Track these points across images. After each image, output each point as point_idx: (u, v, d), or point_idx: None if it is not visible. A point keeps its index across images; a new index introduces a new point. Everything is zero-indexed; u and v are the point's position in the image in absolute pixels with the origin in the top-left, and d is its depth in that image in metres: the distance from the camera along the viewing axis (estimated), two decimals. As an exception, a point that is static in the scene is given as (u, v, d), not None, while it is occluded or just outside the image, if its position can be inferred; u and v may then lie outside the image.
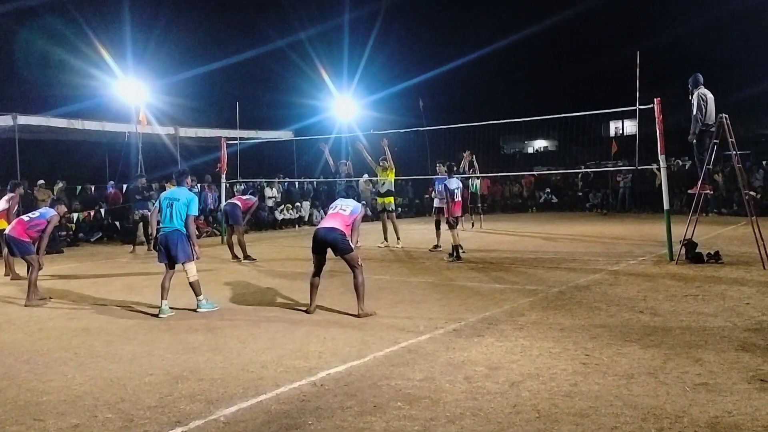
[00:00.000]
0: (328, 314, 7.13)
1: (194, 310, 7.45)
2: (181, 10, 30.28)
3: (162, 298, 7.39)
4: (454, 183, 11.55)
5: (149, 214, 14.95)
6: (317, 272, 7.22)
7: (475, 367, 4.94)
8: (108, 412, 4.23)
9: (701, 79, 10.27)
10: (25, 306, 8.20)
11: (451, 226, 11.41)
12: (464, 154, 15.23)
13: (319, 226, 7.21)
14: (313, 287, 7.24)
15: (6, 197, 11.40)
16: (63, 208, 9.51)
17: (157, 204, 7.71)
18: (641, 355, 5.10)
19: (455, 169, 12.33)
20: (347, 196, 7.53)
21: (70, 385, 4.82)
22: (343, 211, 7.18)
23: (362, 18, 33.31)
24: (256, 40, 30.72)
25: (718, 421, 3.73)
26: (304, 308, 7.35)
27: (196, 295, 7.50)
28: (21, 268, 10.34)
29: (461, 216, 12.37)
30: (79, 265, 12.72)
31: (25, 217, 9.02)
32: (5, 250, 11.18)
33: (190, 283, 7.50)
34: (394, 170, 14.32)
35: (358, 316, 6.88)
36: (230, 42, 31.17)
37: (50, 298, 8.58)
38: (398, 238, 13.88)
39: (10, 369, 5.34)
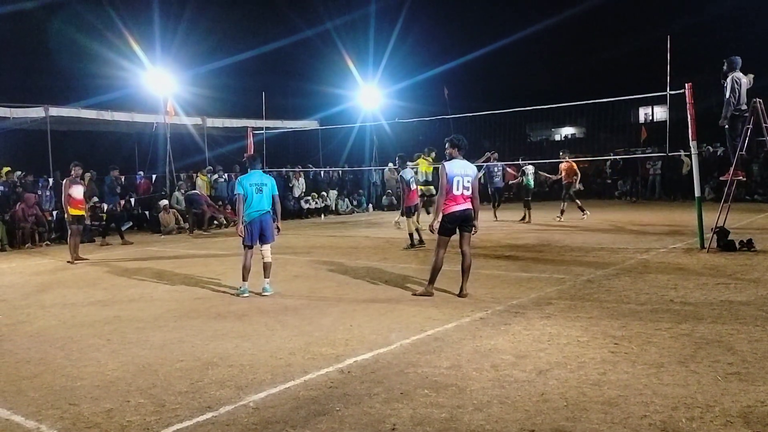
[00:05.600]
0: (354, 302, 7.16)
1: (260, 294, 7.69)
2: (209, 2, 30.49)
3: (243, 279, 7.76)
4: (409, 173, 12.06)
5: (116, 207, 15.25)
6: (444, 254, 7.31)
7: (502, 355, 4.92)
8: (140, 397, 4.32)
9: (738, 62, 9.93)
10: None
11: (409, 215, 11.82)
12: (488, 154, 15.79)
13: (455, 210, 7.04)
14: (440, 270, 7.34)
15: (68, 183, 11.79)
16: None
17: (240, 190, 7.85)
18: (671, 344, 5.03)
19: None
20: (463, 151, 7.33)
21: (103, 371, 4.93)
22: (466, 189, 7.07)
23: (388, 7, 33.22)
24: (282, 29, 30.91)
25: (751, 411, 3.67)
26: (332, 295, 7.40)
27: (266, 277, 7.81)
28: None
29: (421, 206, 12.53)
30: (109, 253, 12.97)
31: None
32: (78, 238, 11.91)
33: (268, 264, 7.86)
34: (427, 161, 14.54)
35: (464, 295, 7.12)
36: (256, 32, 31.39)
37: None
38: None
39: (46, 355, 5.47)
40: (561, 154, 16.70)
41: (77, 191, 11.79)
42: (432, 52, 33.91)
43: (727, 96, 9.86)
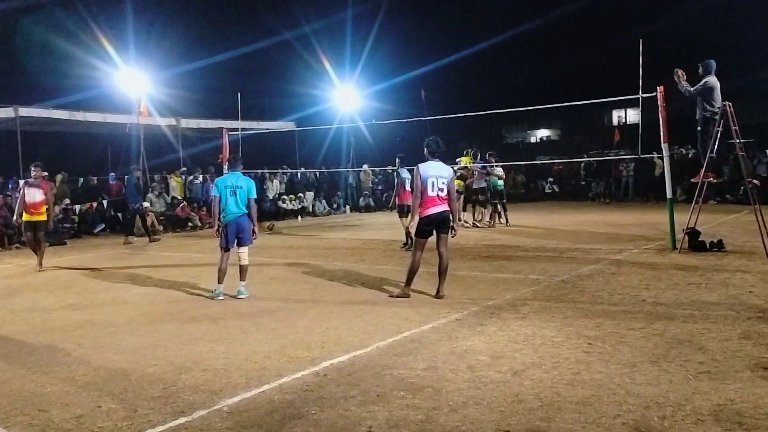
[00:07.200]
0: (331, 304, 7.13)
1: (235, 297, 7.64)
2: (184, 1, 30.19)
3: (219, 282, 7.70)
4: (405, 172, 11.84)
5: (142, 207, 15.00)
6: (421, 256, 7.31)
7: (478, 356, 4.94)
8: (112, 402, 4.25)
9: (713, 66, 10.04)
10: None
11: (401, 215, 11.77)
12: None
13: (431, 212, 7.05)
14: (417, 272, 7.36)
15: (23, 186, 11.25)
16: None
17: (216, 192, 7.85)
18: (644, 344, 5.10)
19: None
20: (439, 156, 7.30)
21: (74, 376, 4.84)
22: (441, 191, 7.06)
23: (365, 9, 33.19)
24: (258, 30, 30.71)
25: (721, 409, 3.73)
26: (309, 298, 7.37)
27: (242, 280, 7.76)
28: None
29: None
30: (82, 256, 12.75)
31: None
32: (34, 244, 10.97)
33: (244, 267, 7.80)
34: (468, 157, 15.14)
35: (441, 297, 7.09)
36: (232, 33, 31.18)
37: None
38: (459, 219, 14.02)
39: (15, 360, 5.36)
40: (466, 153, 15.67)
41: (31, 195, 10.66)
42: (409, 54, 33.91)
43: (693, 90, 9.93)
